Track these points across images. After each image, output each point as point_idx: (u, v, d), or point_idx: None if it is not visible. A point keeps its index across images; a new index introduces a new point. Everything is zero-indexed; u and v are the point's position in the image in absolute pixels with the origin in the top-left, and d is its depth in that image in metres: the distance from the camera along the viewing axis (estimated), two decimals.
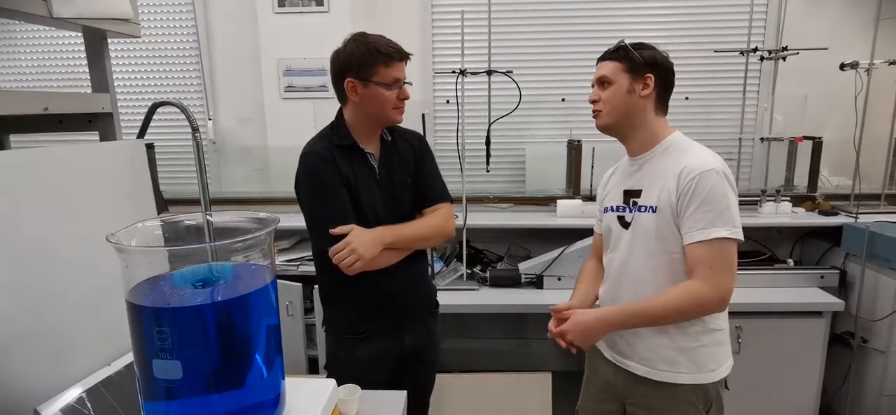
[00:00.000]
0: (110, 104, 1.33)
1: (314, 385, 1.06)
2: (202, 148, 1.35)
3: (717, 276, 1.30)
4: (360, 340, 1.62)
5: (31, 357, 1.00)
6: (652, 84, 1.41)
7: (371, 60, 1.49)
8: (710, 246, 1.30)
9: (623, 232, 1.47)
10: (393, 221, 1.59)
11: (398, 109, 1.57)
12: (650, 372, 1.43)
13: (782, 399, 2.44)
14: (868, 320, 2.43)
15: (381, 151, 1.63)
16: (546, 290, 2.53)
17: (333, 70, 1.55)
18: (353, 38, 1.52)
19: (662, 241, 1.38)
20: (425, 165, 1.70)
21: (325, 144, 1.56)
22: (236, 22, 3.08)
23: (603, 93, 1.46)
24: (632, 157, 1.50)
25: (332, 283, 1.61)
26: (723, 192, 1.31)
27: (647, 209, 1.41)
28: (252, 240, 0.84)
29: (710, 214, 1.30)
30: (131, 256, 0.81)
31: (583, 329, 1.39)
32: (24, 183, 1.01)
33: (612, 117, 1.45)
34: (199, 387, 0.80)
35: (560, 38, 3.04)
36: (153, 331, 0.77)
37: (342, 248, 1.46)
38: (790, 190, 2.91)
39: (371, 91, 1.51)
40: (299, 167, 1.56)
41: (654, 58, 1.43)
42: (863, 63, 2.61)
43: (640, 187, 1.45)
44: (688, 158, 1.37)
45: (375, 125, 1.61)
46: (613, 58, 1.45)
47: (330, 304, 1.69)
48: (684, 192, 1.33)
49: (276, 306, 0.92)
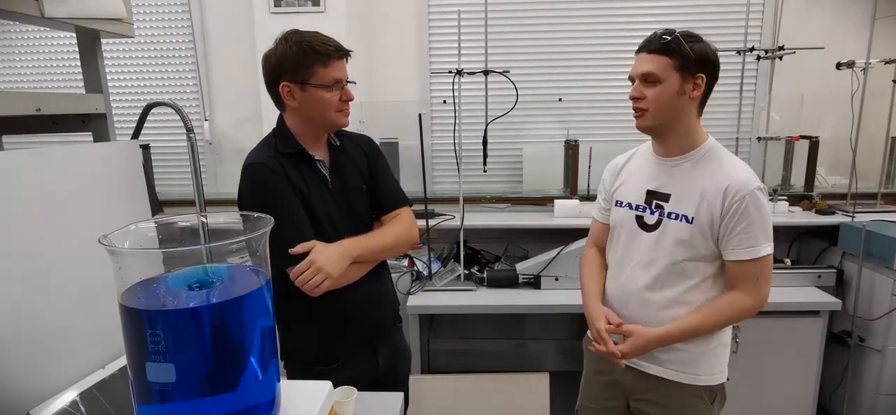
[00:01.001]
0: (104, 105, 1.32)
1: (309, 387, 1.05)
2: (197, 149, 1.34)
3: (761, 287, 1.36)
4: (333, 369, 1.48)
5: (23, 360, 0.98)
6: (703, 85, 1.34)
7: (307, 61, 1.35)
8: (756, 263, 1.33)
9: (641, 234, 1.44)
10: (351, 233, 1.46)
11: (342, 112, 1.43)
12: (664, 372, 1.44)
13: (780, 399, 2.44)
14: (865, 319, 2.44)
15: (330, 158, 1.51)
16: (544, 290, 2.52)
17: (266, 74, 1.41)
18: (284, 37, 1.38)
19: (692, 250, 1.37)
20: (379, 169, 1.58)
21: (271, 152, 1.41)
22: (232, 22, 3.07)
23: (648, 91, 1.34)
24: (662, 156, 1.43)
25: (293, 307, 1.43)
26: (767, 209, 1.34)
27: (680, 218, 1.38)
28: (246, 241, 0.83)
29: (757, 232, 1.32)
30: (124, 259, 0.80)
31: (644, 350, 1.42)
32: (17, 184, 1.00)
33: (657, 119, 1.36)
34: (194, 390, 0.79)
35: (557, 37, 3.04)
36: (147, 334, 0.76)
37: (306, 267, 1.34)
38: (787, 189, 2.92)
39: (310, 94, 1.37)
40: (243, 180, 1.40)
41: (706, 54, 1.33)
42: (859, 62, 2.62)
43: (668, 191, 1.41)
44: (729, 173, 1.35)
45: (320, 131, 1.47)
46: (662, 51, 1.31)
47: (290, 331, 1.50)
48: (733, 211, 1.32)
49: (270, 308, 0.91)
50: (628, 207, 1.47)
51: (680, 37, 1.31)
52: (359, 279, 1.47)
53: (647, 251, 1.42)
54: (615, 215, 1.51)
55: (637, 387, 1.49)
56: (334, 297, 1.40)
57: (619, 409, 1.57)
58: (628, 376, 1.50)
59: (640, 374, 1.47)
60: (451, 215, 2.75)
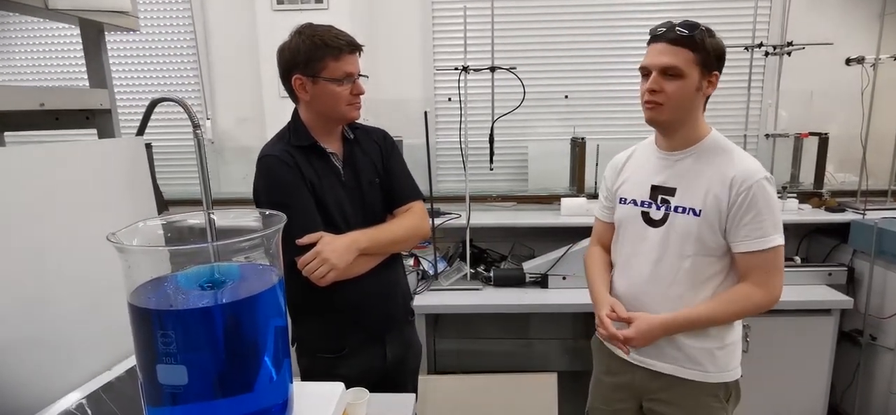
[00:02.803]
0: (108, 100, 1.29)
1: (322, 389, 1.02)
2: (203, 145, 1.31)
3: (772, 279, 1.32)
4: (340, 358, 1.50)
5: (28, 362, 0.96)
6: (716, 81, 1.32)
7: (318, 54, 1.37)
8: (766, 254, 1.31)
9: (648, 230, 1.41)
10: (363, 225, 1.47)
11: (353, 106, 1.44)
12: (677, 370, 1.41)
13: (791, 397, 2.41)
14: (877, 317, 2.41)
15: (344, 151, 1.52)
16: (551, 289, 2.50)
17: (280, 66, 1.43)
18: (298, 31, 1.41)
19: (701, 244, 1.35)
20: (393, 162, 1.59)
21: (284, 145, 1.44)
22: (234, 20, 3.04)
23: (668, 85, 1.28)
24: (666, 151, 1.41)
25: (303, 296, 1.46)
26: (775, 200, 1.32)
27: (687, 211, 1.35)
28: (258, 239, 0.81)
29: (766, 223, 1.30)
30: (133, 257, 0.78)
31: (650, 337, 1.37)
32: (21, 181, 0.97)
33: (674, 115, 1.33)
34: (206, 392, 0.77)
35: (563, 34, 3.01)
36: (157, 335, 0.73)
37: (312, 258, 1.36)
38: (796, 187, 2.89)
39: (321, 88, 1.39)
40: (256, 173, 1.44)
41: (721, 50, 1.30)
42: (869, 58, 2.59)
43: (673, 186, 1.38)
44: (735, 163, 1.33)
45: (332, 124, 1.49)
46: (687, 45, 1.26)
47: (301, 319, 1.55)
48: (740, 201, 1.30)
49: (283, 308, 0.88)
50: (633, 203, 1.45)
51: (703, 29, 1.27)
52: (369, 271, 1.47)
53: (655, 247, 1.39)
54: (620, 213, 1.49)
55: (649, 387, 1.46)
56: (343, 288, 1.42)
57: (631, 411, 1.54)
58: (639, 376, 1.47)
59: (652, 373, 1.44)
60: (456, 214, 2.72)
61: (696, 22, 1.28)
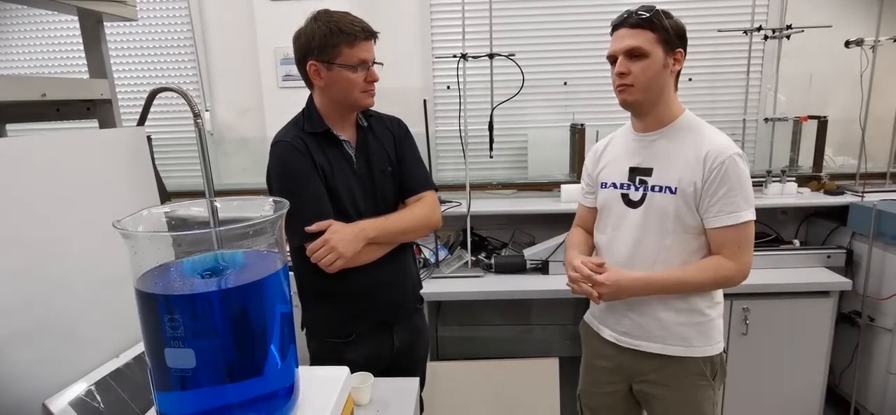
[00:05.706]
0: (109, 90, 1.29)
1: (327, 373, 1.03)
2: (205, 135, 1.31)
3: (743, 254, 1.35)
4: (347, 344, 1.52)
5: (37, 350, 0.97)
6: (682, 59, 1.36)
7: (333, 41, 1.37)
8: (737, 229, 1.34)
9: (628, 211, 1.44)
10: (375, 214, 1.48)
11: (367, 93, 1.44)
12: (663, 349, 1.44)
13: (790, 379, 2.43)
14: (875, 298, 2.43)
15: (357, 139, 1.52)
16: (552, 275, 2.51)
17: (296, 52, 1.44)
18: (314, 17, 1.41)
19: (679, 221, 1.37)
20: (406, 151, 1.58)
21: (297, 131, 1.45)
22: (232, 10, 3.02)
23: (634, 66, 1.34)
24: (641, 132, 1.45)
25: (312, 282, 1.49)
26: (747, 176, 1.34)
27: (664, 190, 1.38)
28: (262, 224, 0.81)
29: (737, 198, 1.32)
30: (139, 243, 0.79)
31: (617, 288, 1.39)
32: (24, 171, 0.98)
33: (644, 94, 1.37)
34: (214, 376, 0.78)
35: (562, 20, 3.00)
36: (164, 319, 0.74)
37: (320, 246, 1.36)
38: (795, 170, 2.89)
39: (335, 74, 1.40)
40: (270, 158, 1.45)
41: (681, 29, 1.36)
42: (868, 40, 2.59)
43: (650, 166, 1.42)
44: (707, 140, 1.36)
45: (346, 111, 1.49)
46: (646, 26, 1.32)
47: (310, 305, 1.57)
48: (713, 177, 1.33)
49: (288, 294, 0.89)
50: (613, 186, 1.48)
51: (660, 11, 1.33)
52: (378, 259, 1.48)
53: (636, 227, 1.43)
54: (602, 197, 1.52)
55: (637, 369, 1.49)
56: (351, 275, 1.43)
57: (621, 392, 1.56)
58: (628, 358, 1.50)
59: (640, 354, 1.47)
60: (457, 202, 2.73)
61: (652, 5, 1.34)
